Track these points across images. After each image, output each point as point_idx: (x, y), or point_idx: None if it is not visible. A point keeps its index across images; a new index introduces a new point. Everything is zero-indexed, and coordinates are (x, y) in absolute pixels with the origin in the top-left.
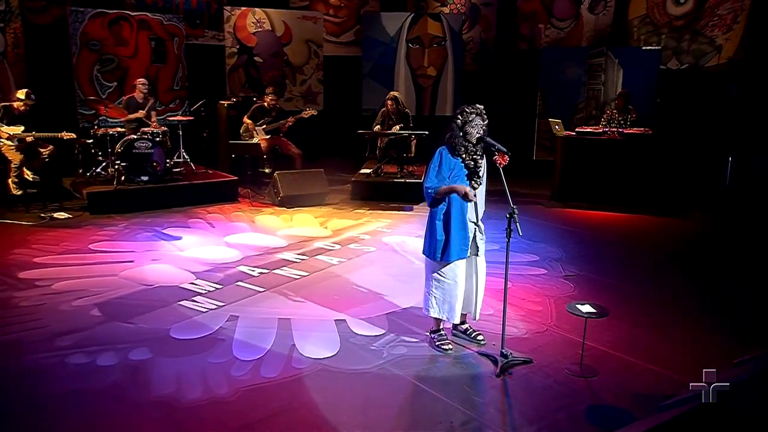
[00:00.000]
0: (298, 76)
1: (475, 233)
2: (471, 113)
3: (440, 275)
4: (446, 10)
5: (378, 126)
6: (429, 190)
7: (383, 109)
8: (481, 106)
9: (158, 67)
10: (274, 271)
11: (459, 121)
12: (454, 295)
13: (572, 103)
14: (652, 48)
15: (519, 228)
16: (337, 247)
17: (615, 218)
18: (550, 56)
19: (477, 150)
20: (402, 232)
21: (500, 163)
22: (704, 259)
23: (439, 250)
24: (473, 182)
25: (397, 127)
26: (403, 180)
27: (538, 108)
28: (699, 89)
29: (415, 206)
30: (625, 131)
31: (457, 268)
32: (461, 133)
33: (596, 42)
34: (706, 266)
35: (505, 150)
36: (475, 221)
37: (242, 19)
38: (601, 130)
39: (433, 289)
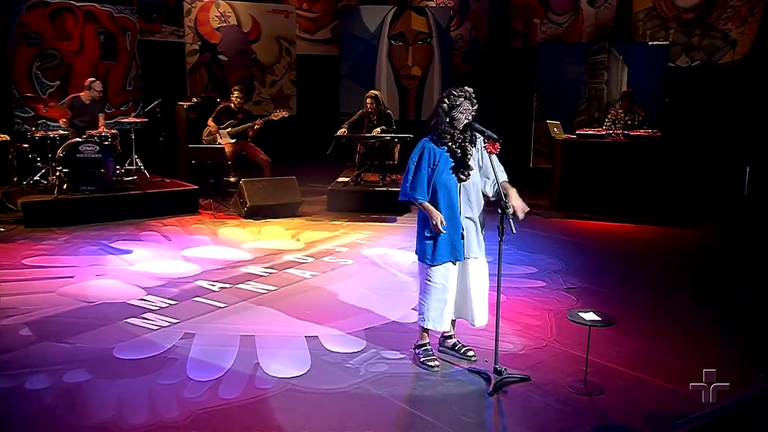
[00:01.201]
0: (268, 76)
1: (471, 232)
2: (459, 96)
3: (428, 279)
4: (432, 3)
5: (344, 129)
6: (405, 193)
7: (362, 111)
8: (471, 89)
9: (108, 64)
10: (237, 286)
11: (445, 105)
12: (442, 300)
13: (572, 105)
14: (660, 43)
15: (512, 225)
16: (310, 260)
17: (620, 229)
18: (547, 53)
19: (466, 137)
20: (384, 244)
21: (491, 152)
22: (719, 272)
23: (428, 251)
24: (461, 174)
25: (378, 130)
26: (385, 189)
27: (534, 110)
28: (712, 88)
29: (398, 217)
30: (631, 133)
31: (447, 271)
32: (447, 119)
33: (598, 38)
34: (720, 279)
35: (495, 137)
36: (472, 217)
37: (204, 13)
38: (604, 132)
39: (423, 296)
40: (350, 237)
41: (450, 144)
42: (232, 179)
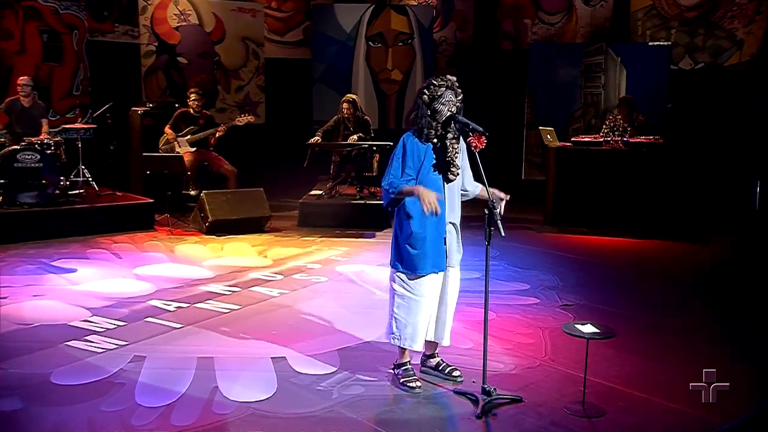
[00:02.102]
0: (234, 81)
1: (452, 238)
2: (440, 86)
3: (406, 289)
4: (414, 2)
5: (318, 137)
6: (389, 190)
7: (337, 116)
8: (453, 78)
9: (52, 66)
10: (195, 305)
11: (426, 96)
12: (420, 315)
13: (567, 111)
14: (661, 44)
15: (501, 226)
16: (279, 277)
17: (621, 244)
18: (538, 55)
19: (450, 132)
20: (361, 261)
21: (476, 147)
22: (728, 289)
23: (412, 260)
24: (449, 173)
25: (355, 137)
26: (363, 202)
27: (525, 117)
28: (718, 92)
29: (377, 233)
30: (631, 140)
31: (429, 282)
32: (429, 112)
33: (593, 38)
34: (729, 296)
35: (481, 130)
36: (454, 222)
37: (161, 11)
38: (601, 139)
39: (395, 309)
40: (324, 253)
41: (434, 140)
42: (192, 192)
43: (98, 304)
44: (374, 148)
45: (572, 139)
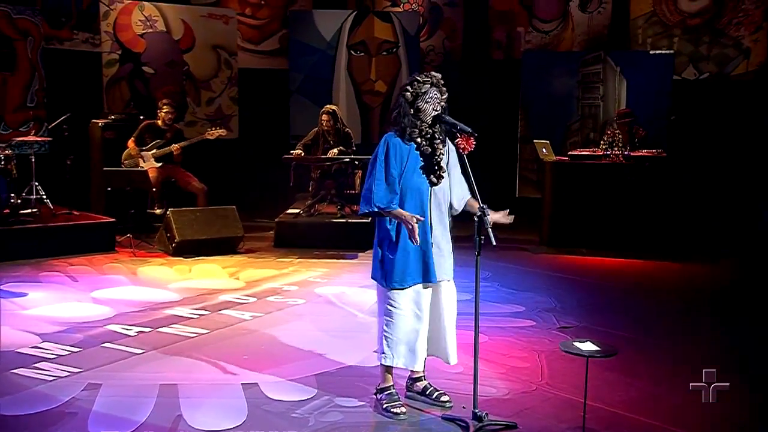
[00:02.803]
0: (204, 93)
1: (443, 247)
2: (424, 83)
3: (392, 305)
4: (399, 9)
5: (299, 151)
6: (373, 204)
7: (316, 129)
8: (439, 75)
9: (4, 75)
10: (159, 330)
11: (409, 94)
12: (413, 331)
13: (563, 124)
14: (663, 52)
15: (492, 235)
16: (252, 300)
17: (623, 265)
18: (532, 64)
19: (435, 132)
20: (342, 283)
21: (464, 149)
22: (737, 311)
23: (395, 271)
24: (434, 176)
25: (335, 151)
26: (344, 221)
27: (519, 131)
28: (724, 104)
29: (360, 254)
30: (632, 154)
31: (418, 296)
32: (412, 111)
33: (591, 47)
34: (738, 319)
35: (469, 131)
36: (444, 229)
37: (125, 17)
38: (600, 153)
39: (385, 327)
40: (301, 275)
41: (418, 140)
42: (157, 211)
43: (50, 330)
44: (356, 163)
45: (569, 153)
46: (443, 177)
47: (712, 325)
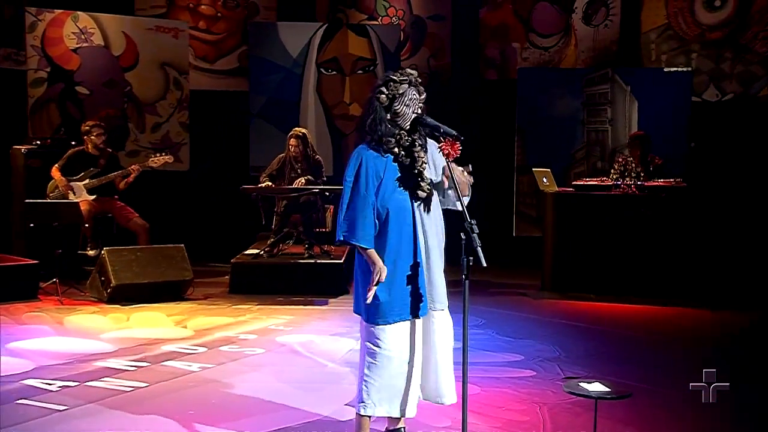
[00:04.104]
0: (150, 117)
1: (436, 272)
2: (401, 83)
3: (375, 344)
4: (377, 21)
5: (267, 180)
6: (356, 239)
7: (282, 155)
8: (415, 72)
9: None
10: (87, 384)
11: (384, 96)
12: (399, 375)
13: (566, 152)
14: (679, 70)
15: (482, 256)
16: (201, 350)
17: (638, 312)
18: (530, 83)
19: (416, 140)
20: (309, 331)
21: (449, 154)
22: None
23: (379, 306)
24: (418, 190)
25: (302, 180)
26: (312, 261)
27: (516, 160)
28: (751, 128)
29: (331, 300)
30: (646, 184)
31: (405, 332)
32: (388, 116)
33: (597, 65)
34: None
35: (455, 134)
36: (436, 251)
37: (56, 29)
38: (610, 183)
39: (366, 371)
40: (261, 323)
41: (396, 149)
42: (90, 252)
43: None
44: (327, 195)
45: (574, 183)
46: (429, 190)
47: (742, 375)
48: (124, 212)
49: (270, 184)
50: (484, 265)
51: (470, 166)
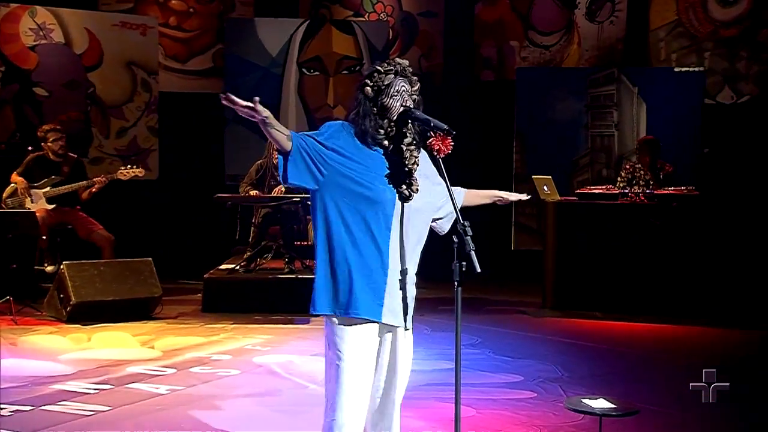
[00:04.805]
0: (115, 122)
1: (409, 285)
2: (387, 73)
3: (338, 348)
4: (363, 18)
5: (249, 187)
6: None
7: (261, 161)
8: (406, 62)
9: None
10: (43, 408)
11: (369, 89)
12: (354, 386)
13: (569, 158)
14: (691, 70)
15: (476, 260)
16: (170, 371)
17: (647, 330)
18: (529, 84)
19: (406, 133)
20: (289, 351)
21: (440, 150)
22: None
23: (338, 295)
24: (405, 189)
25: (282, 188)
26: (293, 277)
27: (514, 167)
28: None
29: (313, 318)
30: (656, 192)
31: (370, 336)
32: (375, 108)
33: (602, 64)
34: None
35: (445, 127)
36: (410, 262)
37: (11, 24)
38: (617, 192)
39: (327, 385)
40: (237, 342)
41: (385, 142)
42: (48, 268)
43: None
44: (309, 204)
45: (578, 191)
46: (416, 191)
47: (753, 398)
48: (86, 224)
49: (257, 192)
50: (478, 270)
51: None
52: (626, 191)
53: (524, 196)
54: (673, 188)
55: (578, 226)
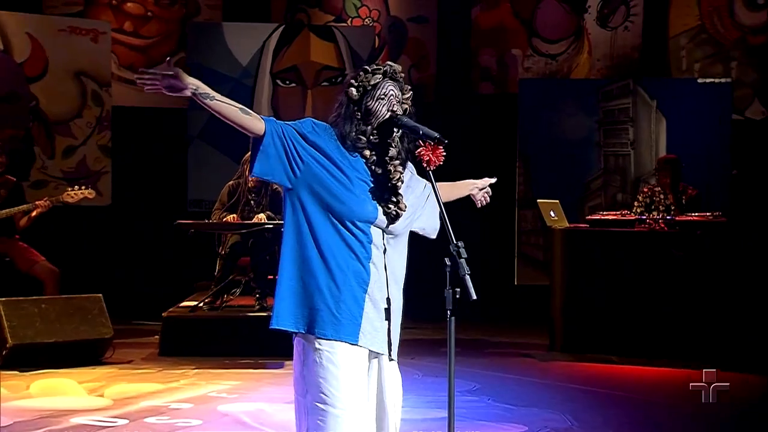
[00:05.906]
0: (61, 140)
1: (396, 312)
2: (376, 72)
3: (319, 371)
4: (345, 25)
5: (224, 213)
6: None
7: (232, 182)
8: (398, 66)
9: None
10: None
11: (353, 90)
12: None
13: (579, 181)
14: (716, 81)
15: (471, 286)
16: (121, 422)
17: (668, 375)
18: (533, 98)
19: (392, 142)
20: (259, 398)
21: (430, 161)
22: None
23: (316, 315)
24: (389, 204)
25: (262, 216)
26: (265, 314)
27: (517, 191)
28: None
29: (287, 362)
30: (677, 218)
31: (354, 358)
32: (359, 112)
33: (615, 75)
34: None
35: (436, 136)
36: (395, 286)
37: None
38: (633, 218)
39: (302, 415)
40: (199, 389)
41: (366, 152)
42: None
43: None
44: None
45: (589, 217)
46: (403, 210)
47: None
48: (26, 255)
49: (234, 216)
50: (474, 297)
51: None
52: (644, 217)
53: (491, 180)
54: (697, 214)
55: (590, 257)
